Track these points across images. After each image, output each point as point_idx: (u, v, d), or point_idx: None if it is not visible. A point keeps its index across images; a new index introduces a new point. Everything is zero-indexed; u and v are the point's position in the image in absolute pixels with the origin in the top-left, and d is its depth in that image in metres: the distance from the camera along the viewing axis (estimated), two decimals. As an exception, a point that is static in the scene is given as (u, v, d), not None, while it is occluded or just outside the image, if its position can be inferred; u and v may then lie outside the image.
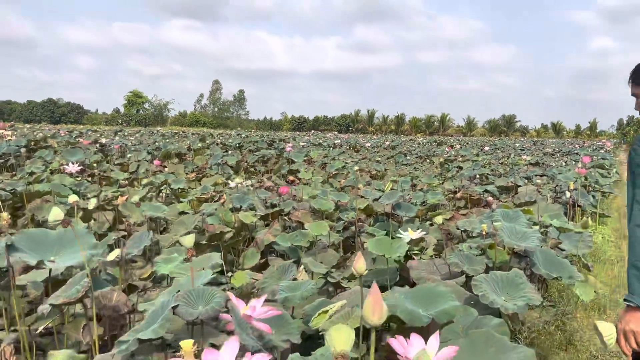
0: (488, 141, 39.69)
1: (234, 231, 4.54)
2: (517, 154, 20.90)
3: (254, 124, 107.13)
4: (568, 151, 23.48)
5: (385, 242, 3.15)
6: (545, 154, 21.54)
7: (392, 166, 14.11)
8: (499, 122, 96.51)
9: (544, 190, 8.46)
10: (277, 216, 4.97)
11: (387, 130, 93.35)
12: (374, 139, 34.62)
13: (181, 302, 1.84)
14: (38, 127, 25.46)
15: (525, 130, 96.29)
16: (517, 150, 24.30)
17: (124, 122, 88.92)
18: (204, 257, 3.07)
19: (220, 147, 17.43)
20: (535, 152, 22.59)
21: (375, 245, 3.09)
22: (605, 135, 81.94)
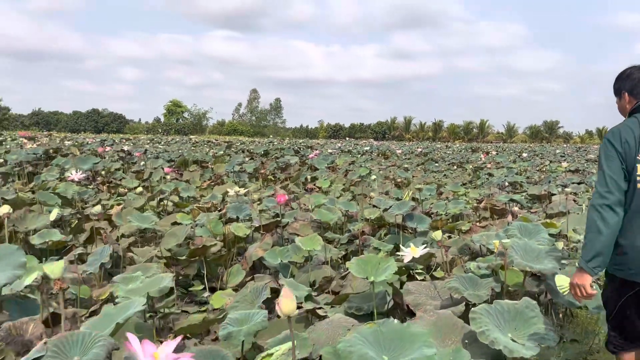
0: (528, 148, 38.27)
1: (221, 245, 4.15)
2: (557, 161, 19.86)
3: (291, 132, 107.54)
4: (613, 157, 22.22)
5: (370, 262, 2.67)
6: (587, 161, 20.40)
7: (421, 173, 13.50)
8: (540, 128, 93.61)
9: (581, 199, 7.76)
10: (274, 228, 4.55)
11: (425, 137, 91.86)
12: (406, 145, 33.86)
13: (50, 353, 1.42)
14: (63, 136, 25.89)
15: (568, 136, 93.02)
16: (557, 156, 23.16)
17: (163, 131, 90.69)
18: (155, 279, 2.67)
19: (246, 154, 17.21)
20: (576, 159, 21.44)
21: (357, 267, 2.62)
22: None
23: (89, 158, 8.69)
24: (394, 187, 10.79)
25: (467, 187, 10.95)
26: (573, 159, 21.29)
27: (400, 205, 4.88)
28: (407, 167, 15.08)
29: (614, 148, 2.17)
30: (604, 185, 2.14)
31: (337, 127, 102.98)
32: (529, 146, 46.25)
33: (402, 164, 17.08)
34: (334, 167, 13.80)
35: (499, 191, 8.95)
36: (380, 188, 9.85)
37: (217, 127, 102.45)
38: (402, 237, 4.96)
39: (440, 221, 6.36)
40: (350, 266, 2.61)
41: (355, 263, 2.64)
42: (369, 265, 2.64)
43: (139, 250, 4.08)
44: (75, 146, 12.89)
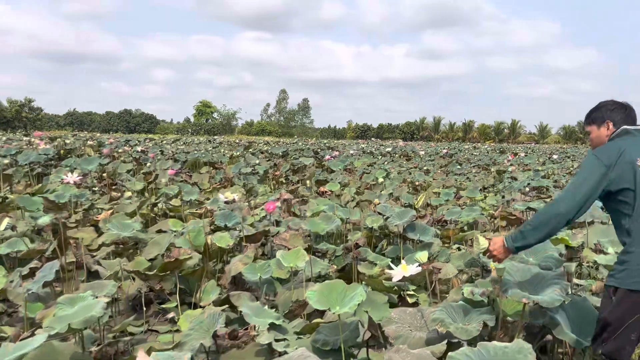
0: (560, 149, 37.02)
1: (200, 257, 3.82)
2: (589, 163, 18.95)
3: (318, 132, 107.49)
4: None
5: (336, 289, 2.28)
6: (622, 163, 19.43)
7: (442, 176, 12.96)
8: (574, 128, 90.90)
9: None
10: (261, 238, 4.19)
11: (454, 138, 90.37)
12: (432, 146, 33.12)
13: None
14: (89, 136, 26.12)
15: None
16: (590, 158, 22.17)
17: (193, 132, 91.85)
18: (87, 305, 2.34)
19: (265, 155, 16.94)
20: (610, 161, 20.48)
21: (319, 296, 2.23)
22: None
23: (94, 159, 8.51)
24: (412, 190, 10.33)
25: (489, 191, 10.39)
26: (607, 161, 20.33)
27: (400, 214, 4.46)
28: (429, 170, 14.55)
29: (602, 162, 2.24)
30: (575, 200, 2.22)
31: (365, 127, 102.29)
32: (562, 147, 44.79)
33: (424, 165, 16.55)
34: (352, 169, 13.39)
35: (521, 196, 8.40)
36: (396, 192, 9.41)
37: (246, 128, 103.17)
38: (403, 249, 4.54)
39: (452, 230, 5.92)
40: (310, 296, 2.22)
41: (318, 291, 2.24)
42: (334, 293, 2.24)
43: (109, 262, 3.78)
44: (90, 146, 12.83)
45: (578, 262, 3.91)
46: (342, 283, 2.29)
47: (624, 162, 2.22)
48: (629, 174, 2.20)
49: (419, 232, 4.36)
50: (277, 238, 4.14)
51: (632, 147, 2.28)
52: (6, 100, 62.32)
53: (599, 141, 2.48)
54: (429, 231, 4.37)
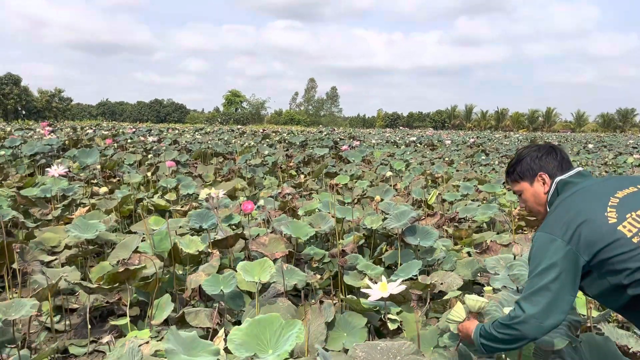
0: (596, 137, 35.42)
1: (161, 265, 3.34)
2: (628, 153, 17.83)
3: (347, 121, 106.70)
4: (695, 149, 19.77)
5: (270, 326, 1.74)
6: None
7: (466, 167, 12.23)
8: (613, 116, 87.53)
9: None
10: (234, 243, 3.69)
11: (487, 127, 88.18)
12: (460, 135, 32.06)
13: None
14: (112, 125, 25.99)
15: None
16: (629, 148, 20.92)
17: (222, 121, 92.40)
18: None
19: (283, 145, 16.45)
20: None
21: (246, 337, 1.69)
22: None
23: (93, 151, 8.17)
24: (431, 183, 9.68)
25: (515, 184, 9.66)
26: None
27: (399, 215, 3.88)
28: (452, 160, 13.80)
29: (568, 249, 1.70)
30: (547, 309, 1.68)
31: (395, 116, 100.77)
32: (598, 136, 42.92)
33: (449, 155, 15.78)
34: (371, 160, 12.78)
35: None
36: (413, 185, 8.79)
37: (275, 117, 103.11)
38: (404, 254, 3.98)
39: (465, 231, 5.30)
40: (232, 339, 1.69)
41: (244, 331, 1.72)
42: (268, 332, 1.71)
43: (53, 271, 3.34)
44: (101, 137, 12.57)
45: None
46: (277, 318, 1.76)
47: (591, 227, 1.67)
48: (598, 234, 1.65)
49: (419, 237, 3.78)
50: (253, 243, 3.62)
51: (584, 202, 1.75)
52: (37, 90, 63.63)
53: (538, 201, 1.99)
54: (431, 235, 3.78)
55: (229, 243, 3.62)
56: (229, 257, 3.79)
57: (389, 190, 5.80)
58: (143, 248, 3.56)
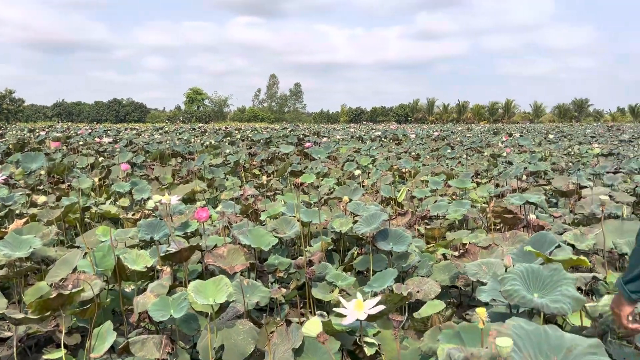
0: (555, 128, 36.18)
1: (103, 287, 2.93)
2: (587, 142, 18.11)
3: (312, 117, 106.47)
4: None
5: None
6: (621, 142, 18.58)
7: (432, 161, 12.07)
8: (569, 107, 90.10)
9: (618, 193, 6.31)
10: (188, 256, 3.29)
11: (448, 119, 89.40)
12: (424, 129, 32.17)
13: None
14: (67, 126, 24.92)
15: (599, 114, 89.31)
16: (588, 137, 21.31)
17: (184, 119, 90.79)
18: None
19: (247, 143, 15.99)
20: (609, 139, 19.62)
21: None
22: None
23: (39, 156, 7.56)
24: (399, 179, 9.45)
25: (483, 176, 9.52)
26: (605, 140, 19.47)
27: (369, 218, 3.56)
28: (419, 154, 13.65)
29: None
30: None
31: (358, 111, 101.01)
32: (557, 126, 43.90)
33: (414, 150, 15.64)
34: (337, 156, 12.48)
35: (517, 183, 7.51)
36: (380, 182, 8.53)
37: (238, 114, 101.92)
38: (375, 259, 3.67)
39: (438, 229, 5.04)
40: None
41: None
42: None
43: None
44: (53, 139, 11.85)
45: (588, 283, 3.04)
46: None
47: None
48: None
49: (392, 241, 3.47)
50: (209, 255, 3.24)
51: None
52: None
53: None
54: (405, 239, 3.48)
55: (182, 256, 3.22)
56: (183, 272, 3.40)
57: (357, 189, 5.49)
58: (85, 265, 3.13)
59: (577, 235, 4.16)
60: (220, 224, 4.46)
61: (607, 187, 7.34)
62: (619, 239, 4.20)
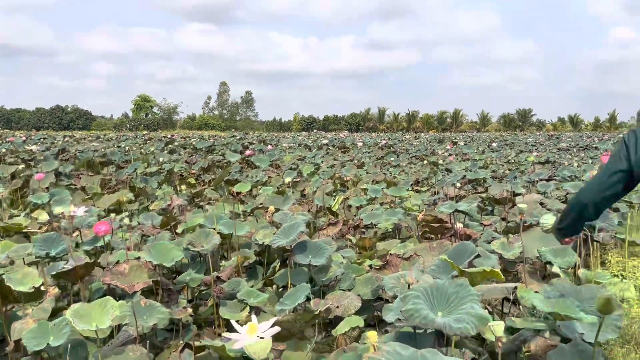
0: (500, 137, 37.29)
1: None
2: (527, 151, 18.65)
3: (264, 125, 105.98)
4: (586, 145, 21.09)
5: None
6: (559, 150, 19.24)
7: (375, 169, 12.03)
8: (514, 116, 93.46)
9: (551, 201, 6.37)
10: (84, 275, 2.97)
11: (399, 128, 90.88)
12: (372, 137, 32.45)
13: None
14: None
15: (541, 124, 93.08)
16: (529, 146, 21.98)
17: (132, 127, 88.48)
18: None
19: (190, 151, 15.53)
20: (548, 148, 20.29)
21: None
22: (626, 126, 78.57)
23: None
24: (340, 187, 9.32)
25: (424, 185, 9.52)
26: (544, 148, 20.12)
27: (287, 230, 3.35)
28: (363, 162, 13.61)
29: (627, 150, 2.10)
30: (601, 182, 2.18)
31: (311, 119, 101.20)
32: (501, 135, 45.33)
33: (360, 158, 15.62)
34: (279, 164, 12.25)
35: (455, 191, 7.51)
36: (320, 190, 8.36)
37: (188, 122, 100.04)
38: (294, 273, 3.46)
39: (369, 240, 4.90)
40: None
41: None
42: None
43: None
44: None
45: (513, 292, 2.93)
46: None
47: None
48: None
49: (311, 253, 3.27)
50: (108, 273, 2.94)
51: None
52: None
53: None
54: (324, 251, 3.29)
55: (77, 275, 2.91)
56: (81, 292, 3.08)
57: (288, 198, 5.27)
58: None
59: (504, 244, 4.10)
60: (134, 236, 4.14)
61: (541, 194, 7.45)
62: (544, 246, 4.17)
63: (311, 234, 5.12)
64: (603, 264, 4.61)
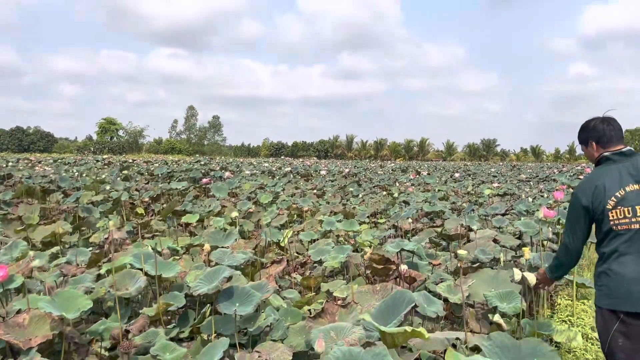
0: (464, 166, 37.81)
1: None
2: (489, 181, 18.82)
3: (232, 150, 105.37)
4: (545, 177, 21.47)
5: None
6: (520, 181, 19.49)
7: (336, 199, 11.83)
8: (479, 146, 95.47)
9: (504, 237, 6.25)
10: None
11: (367, 156, 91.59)
12: (338, 164, 32.41)
13: None
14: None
15: (505, 154, 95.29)
16: (490, 176, 22.23)
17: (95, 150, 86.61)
18: None
19: (147, 177, 15.06)
20: (509, 179, 20.54)
21: None
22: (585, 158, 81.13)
23: None
24: (296, 217, 9.07)
25: (382, 217, 9.35)
26: (505, 179, 20.35)
27: (210, 275, 3.07)
28: (324, 192, 13.41)
29: (580, 203, 2.58)
30: (568, 234, 2.67)
31: (280, 145, 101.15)
32: (466, 164, 46.04)
33: (324, 186, 15.43)
34: (237, 193, 11.93)
35: (410, 224, 7.35)
36: (275, 221, 8.09)
37: (154, 146, 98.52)
38: (221, 322, 3.17)
39: (314, 279, 4.65)
40: None
41: None
42: None
43: None
44: None
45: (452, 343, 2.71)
46: None
47: (598, 198, 2.49)
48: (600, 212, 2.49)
49: (237, 301, 3.00)
50: (3, 325, 2.59)
51: (606, 180, 2.50)
52: None
53: (591, 160, 2.72)
54: (251, 298, 3.02)
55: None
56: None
57: (230, 234, 4.98)
58: None
59: (451, 287, 3.91)
60: (51, 278, 3.78)
61: (497, 229, 7.36)
62: (493, 289, 3.99)
63: (254, 272, 4.84)
64: (553, 307, 4.47)
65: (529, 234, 5.38)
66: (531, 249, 5.26)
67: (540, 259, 3.80)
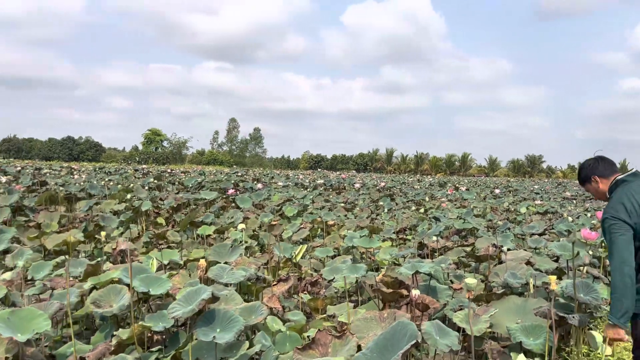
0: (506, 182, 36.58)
1: None
2: (531, 198, 17.95)
3: (272, 162, 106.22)
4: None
5: None
6: (564, 199, 18.52)
7: (364, 213, 11.40)
8: (523, 162, 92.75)
9: (540, 259, 5.71)
10: None
11: (406, 170, 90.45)
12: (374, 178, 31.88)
13: None
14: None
15: (551, 171, 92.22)
16: (533, 193, 21.26)
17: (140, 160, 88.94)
18: None
19: (177, 187, 15.05)
20: (552, 197, 19.56)
21: None
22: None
23: None
24: (321, 232, 8.71)
25: (409, 233, 8.87)
26: (549, 197, 19.40)
27: (189, 296, 2.75)
28: (355, 205, 13.00)
29: (628, 224, 2.61)
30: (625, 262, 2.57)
31: (319, 158, 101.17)
32: (508, 181, 44.60)
33: (355, 200, 15.02)
34: (264, 205, 11.68)
35: (438, 242, 6.86)
36: (297, 235, 7.76)
37: (197, 157, 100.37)
38: (202, 347, 2.83)
39: (321, 300, 4.27)
40: None
41: None
42: None
43: None
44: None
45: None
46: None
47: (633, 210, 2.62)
48: None
49: (218, 326, 2.66)
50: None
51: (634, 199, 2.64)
52: None
53: (602, 193, 2.90)
54: (234, 324, 2.67)
55: None
56: None
57: (235, 248, 4.66)
58: None
59: (468, 317, 3.44)
60: (32, 291, 3.55)
61: (533, 250, 6.79)
62: (519, 319, 3.51)
63: (259, 290, 4.50)
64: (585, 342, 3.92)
65: (564, 257, 4.83)
66: (567, 275, 4.72)
67: (573, 287, 3.29)
